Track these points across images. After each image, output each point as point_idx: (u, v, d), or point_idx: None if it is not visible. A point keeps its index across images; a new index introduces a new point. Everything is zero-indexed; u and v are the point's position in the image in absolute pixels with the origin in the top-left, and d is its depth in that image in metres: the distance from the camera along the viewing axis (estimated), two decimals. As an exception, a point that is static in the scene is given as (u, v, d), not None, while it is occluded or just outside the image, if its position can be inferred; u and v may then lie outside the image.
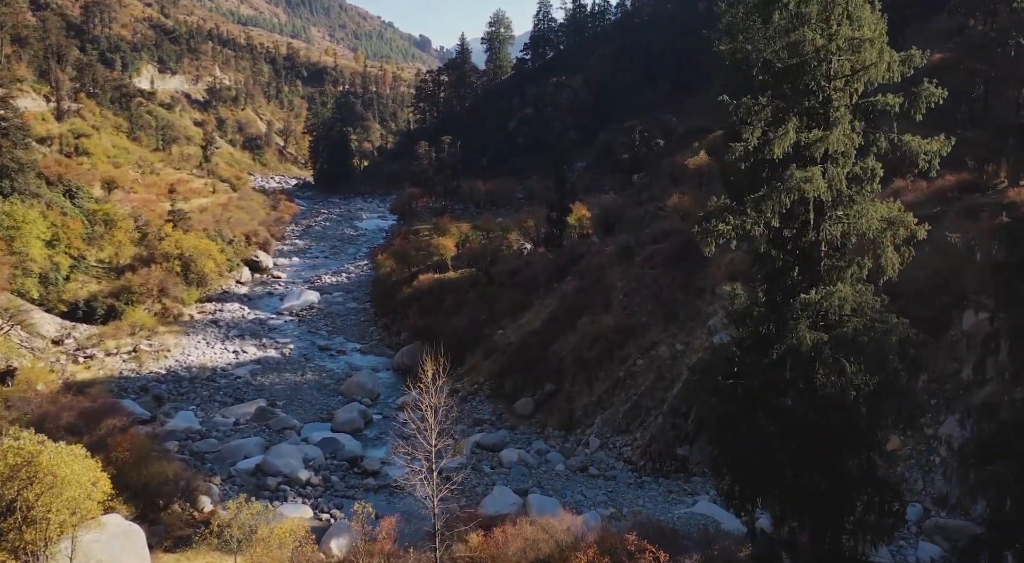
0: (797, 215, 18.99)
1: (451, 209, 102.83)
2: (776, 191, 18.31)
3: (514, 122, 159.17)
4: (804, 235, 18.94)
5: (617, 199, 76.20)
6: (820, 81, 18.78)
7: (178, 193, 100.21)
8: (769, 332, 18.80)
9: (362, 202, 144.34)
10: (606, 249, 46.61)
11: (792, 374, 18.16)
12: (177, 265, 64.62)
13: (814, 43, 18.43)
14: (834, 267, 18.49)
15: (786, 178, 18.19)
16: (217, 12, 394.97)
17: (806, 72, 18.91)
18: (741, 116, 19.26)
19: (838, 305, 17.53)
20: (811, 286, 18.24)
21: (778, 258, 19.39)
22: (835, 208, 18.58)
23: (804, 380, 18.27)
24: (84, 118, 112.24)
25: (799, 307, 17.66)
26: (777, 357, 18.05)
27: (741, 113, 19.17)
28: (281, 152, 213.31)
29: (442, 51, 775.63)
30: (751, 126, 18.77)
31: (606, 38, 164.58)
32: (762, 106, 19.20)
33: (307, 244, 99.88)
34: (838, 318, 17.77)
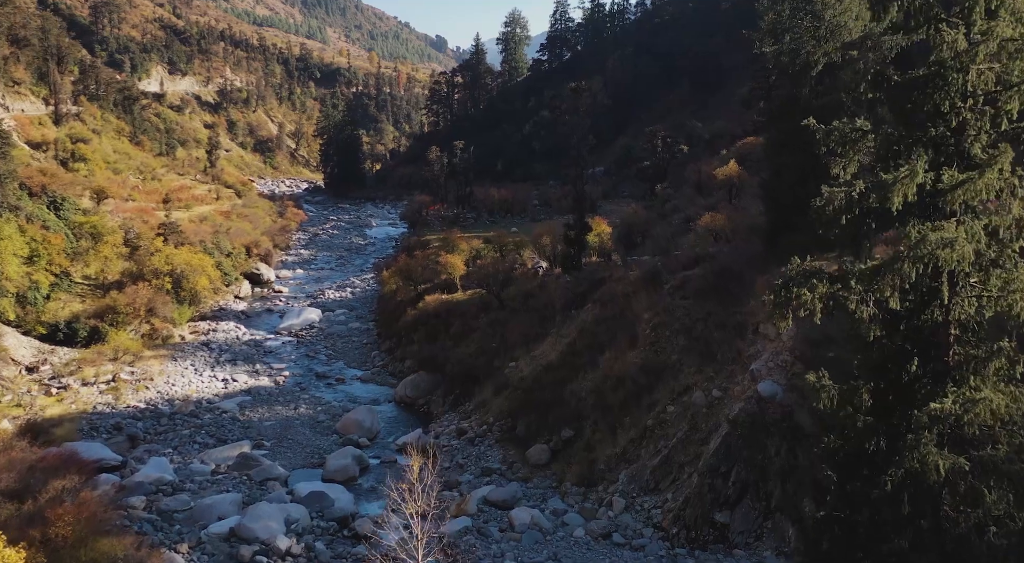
0: (919, 287, 14.05)
1: (463, 218, 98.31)
2: (899, 260, 13.37)
3: (530, 125, 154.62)
4: (926, 313, 14.07)
5: (639, 211, 71.42)
6: (955, 100, 13.76)
7: (173, 203, 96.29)
8: (879, 449, 13.99)
9: (373, 208, 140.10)
10: (630, 273, 41.78)
11: (912, 508, 13.36)
12: (168, 282, 60.31)
13: (955, 46, 13.39)
14: (969, 358, 13.62)
15: (914, 240, 13.24)
16: (232, 13, 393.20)
17: (938, 87, 13.84)
18: (833, 145, 14.33)
19: (984, 418, 12.69)
20: (937, 383, 13.42)
21: (889, 345, 14.48)
22: (970, 276, 13.69)
23: (929, 516, 13.47)
24: (84, 122, 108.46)
25: (926, 420, 12.87)
26: (892, 487, 13.26)
27: (833, 141, 14.23)
28: (293, 155, 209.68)
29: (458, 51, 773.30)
30: (846, 160, 13.84)
31: (625, 38, 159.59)
32: (862, 134, 14.28)
33: (312, 254, 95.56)
34: (980, 434, 12.99)
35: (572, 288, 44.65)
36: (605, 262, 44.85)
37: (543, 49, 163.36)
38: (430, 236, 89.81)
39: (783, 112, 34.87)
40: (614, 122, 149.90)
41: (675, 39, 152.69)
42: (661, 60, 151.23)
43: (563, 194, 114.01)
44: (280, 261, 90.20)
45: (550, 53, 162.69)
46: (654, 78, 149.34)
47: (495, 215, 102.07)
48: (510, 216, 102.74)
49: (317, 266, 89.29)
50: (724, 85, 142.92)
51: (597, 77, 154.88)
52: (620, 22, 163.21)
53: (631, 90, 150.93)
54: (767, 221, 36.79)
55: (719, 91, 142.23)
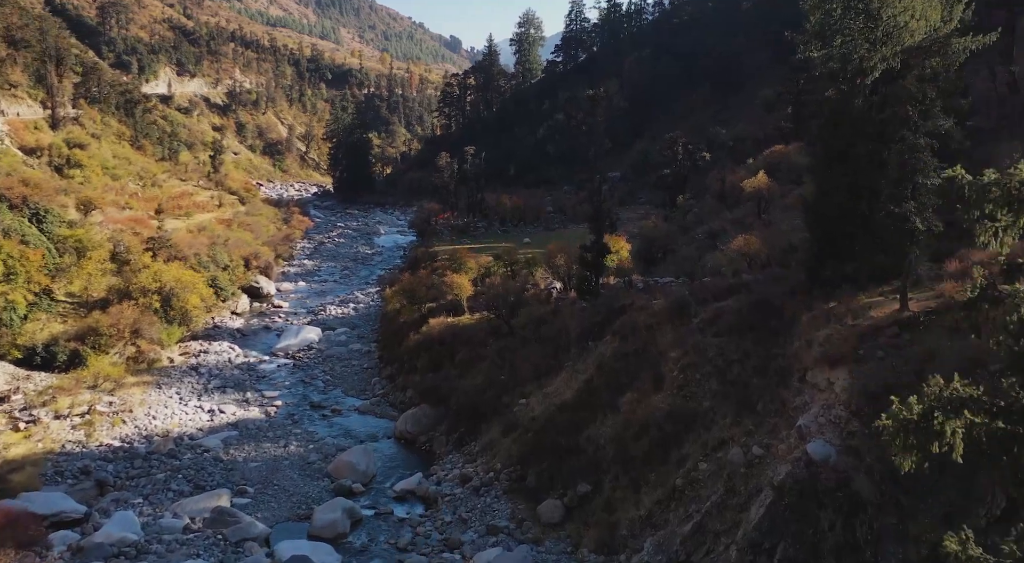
0: None
1: (473, 227, 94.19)
2: None
3: (544, 128, 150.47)
4: None
5: (659, 224, 67.11)
6: None
7: (173, 210, 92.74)
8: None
9: (382, 214, 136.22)
10: (653, 302, 37.47)
11: None
12: (156, 301, 56.42)
13: None
14: None
15: None
16: (245, 14, 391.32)
17: None
18: (987, 206, 9.97)
19: None
20: None
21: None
22: None
23: None
24: (84, 126, 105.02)
25: None
26: None
27: (992, 201, 9.86)
28: (303, 158, 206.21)
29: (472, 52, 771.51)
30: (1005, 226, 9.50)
31: (643, 39, 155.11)
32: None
33: (317, 265, 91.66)
34: None
35: (589, 316, 40.39)
36: (625, 289, 40.52)
37: (558, 50, 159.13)
38: (439, 246, 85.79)
39: (833, 125, 30.49)
40: (631, 125, 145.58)
41: (694, 39, 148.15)
42: (680, 61, 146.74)
43: (578, 201, 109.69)
44: (282, 273, 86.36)
45: (565, 54, 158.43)
46: (673, 80, 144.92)
47: (507, 224, 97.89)
48: (523, 225, 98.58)
49: (320, 278, 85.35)
50: (745, 87, 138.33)
51: (614, 79, 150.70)
52: (637, 22, 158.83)
53: (649, 92, 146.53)
54: (810, 247, 32.44)
55: (740, 93, 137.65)
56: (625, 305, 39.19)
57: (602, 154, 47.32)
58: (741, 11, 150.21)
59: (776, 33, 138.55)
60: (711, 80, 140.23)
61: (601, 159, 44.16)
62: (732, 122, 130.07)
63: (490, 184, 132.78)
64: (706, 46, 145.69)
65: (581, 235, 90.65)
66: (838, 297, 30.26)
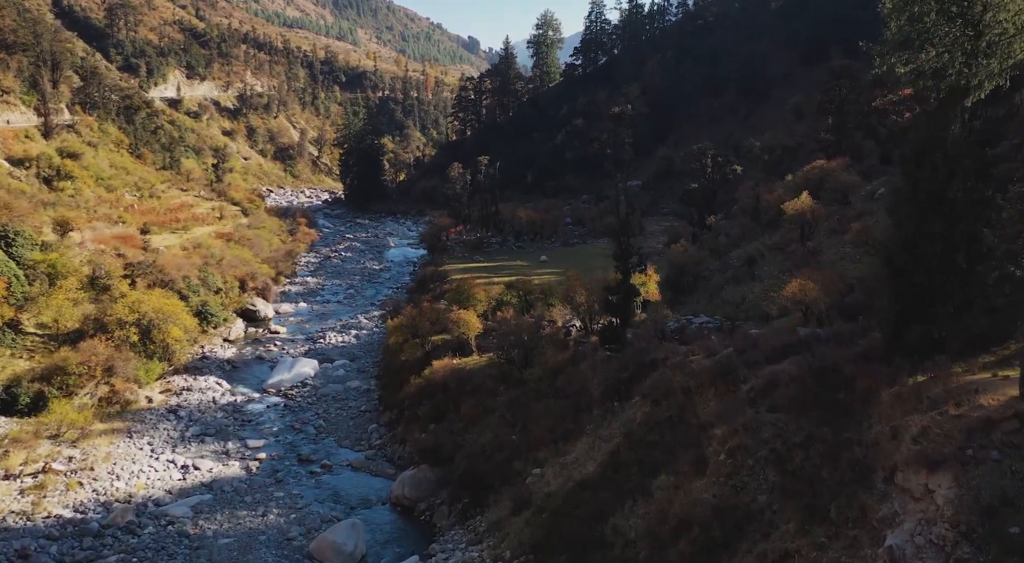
0: None
1: (486, 243, 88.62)
2: None
3: (562, 134, 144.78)
4: None
5: (688, 248, 61.26)
6: None
7: (170, 224, 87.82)
8: None
9: (393, 224, 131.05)
10: (691, 359, 31.67)
11: None
12: (134, 334, 51.15)
13: None
14: None
15: None
16: (262, 15, 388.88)
17: None
18: None
19: None
20: None
21: None
22: None
23: None
24: (80, 134, 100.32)
25: None
26: None
27: None
28: (315, 163, 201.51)
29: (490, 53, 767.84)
30: None
31: (665, 41, 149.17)
32: None
33: (320, 282, 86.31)
34: None
35: (614, 370, 34.59)
36: (658, 340, 34.64)
37: (576, 53, 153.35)
38: (449, 265, 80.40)
39: (921, 157, 24.56)
40: (653, 131, 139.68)
41: (719, 42, 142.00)
42: (704, 64, 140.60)
43: (598, 213, 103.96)
44: (282, 292, 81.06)
45: (584, 57, 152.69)
46: (696, 84, 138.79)
47: (523, 238, 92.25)
48: (539, 240, 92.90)
49: (323, 298, 79.94)
50: (772, 91, 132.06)
51: (634, 83, 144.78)
52: (660, 24, 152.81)
53: (671, 97, 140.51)
54: (890, 305, 26.50)
55: (767, 98, 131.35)
56: (657, 359, 33.36)
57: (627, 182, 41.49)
58: (768, 12, 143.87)
59: (805, 35, 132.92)
60: (737, 84, 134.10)
61: (626, 192, 38.22)
62: (760, 128, 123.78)
63: (506, 192, 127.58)
64: (731, 49, 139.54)
65: (602, 252, 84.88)
66: (927, 369, 24.42)
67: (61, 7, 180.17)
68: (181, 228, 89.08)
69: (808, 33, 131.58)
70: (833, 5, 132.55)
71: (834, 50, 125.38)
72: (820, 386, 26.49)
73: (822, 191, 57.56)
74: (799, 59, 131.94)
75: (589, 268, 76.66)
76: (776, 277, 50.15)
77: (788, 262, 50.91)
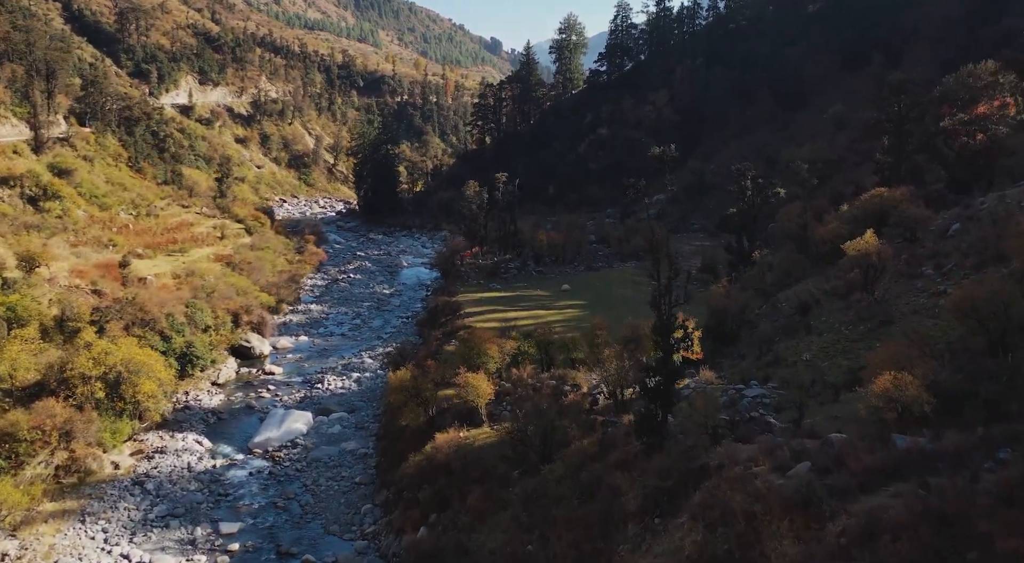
0: None
1: (504, 268, 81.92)
2: None
3: (585, 144, 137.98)
4: None
5: (730, 291, 54.24)
6: None
7: (166, 246, 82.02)
8: None
9: (408, 239, 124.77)
10: (754, 471, 24.83)
11: None
12: (100, 389, 44.99)
13: None
14: None
15: None
16: (282, 17, 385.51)
17: None
18: None
19: None
20: None
21: None
22: None
23: None
24: (75, 147, 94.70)
25: None
26: None
27: None
28: (330, 171, 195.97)
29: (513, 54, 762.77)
30: None
31: (695, 46, 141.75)
32: None
33: (324, 311, 79.98)
34: None
35: (654, 474, 27.86)
36: (708, 436, 27.74)
37: (601, 58, 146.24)
38: (463, 295, 73.92)
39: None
40: (682, 141, 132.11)
41: (752, 47, 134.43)
42: (736, 70, 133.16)
43: (625, 232, 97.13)
44: (282, 323, 74.80)
45: (609, 63, 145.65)
46: (728, 91, 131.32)
47: (543, 262, 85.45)
48: (561, 263, 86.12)
49: (326, 330, 73.58)
50: (810, 99, 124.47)
51: (662, 90, 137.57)
52: (689, 28, 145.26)
53: (701, 104, 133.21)
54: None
55: (804, 106, 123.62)
56: (709, 466, 26.57)
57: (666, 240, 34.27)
58: (804, 15, 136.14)
59: (844, 39, 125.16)
60: (771, 91, 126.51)
61: (669, 249, 30.98)
62: (797, 139, 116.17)
63: (527, 204, 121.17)
64: (765, 53, 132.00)
65: (630, 278, 78.24)
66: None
67: (71, 12, 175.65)
68: (178, 250, 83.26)
69: (847, 37, 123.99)
70: (874, 7, 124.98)
71: (876, 55, 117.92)
72: (942, 541, 19.57)
73: (885, 226, 50.42)
74: (838, 64, 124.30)
75: (616, 301, 70.31)
76: (837, 331, 43.25)
77: (851, 313, 43.90)
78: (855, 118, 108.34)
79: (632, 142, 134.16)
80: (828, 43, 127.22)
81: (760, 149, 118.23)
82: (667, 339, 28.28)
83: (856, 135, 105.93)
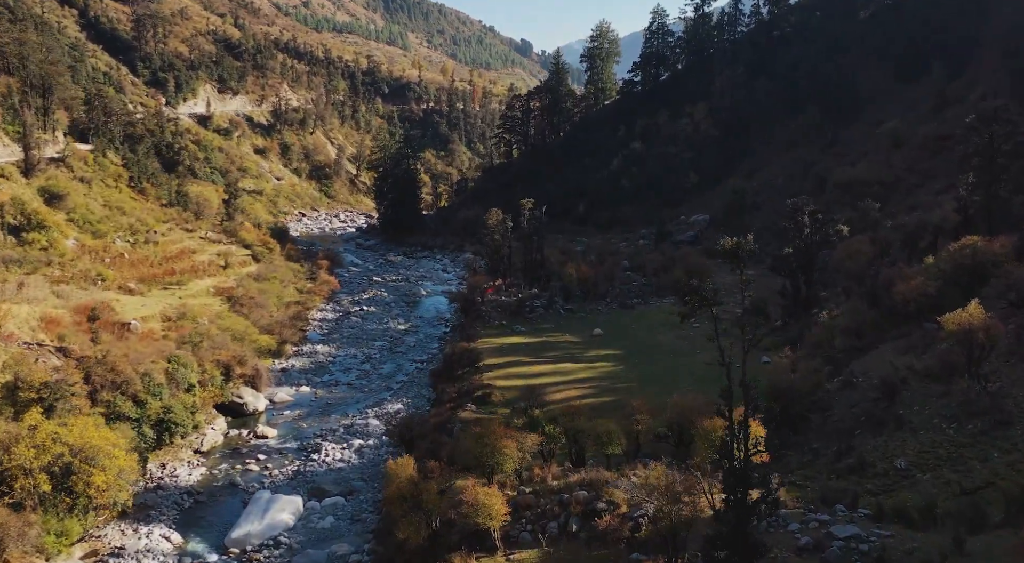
0: None
1: (530, 306, 74.17)
2: None
3: (618, 160, 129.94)
4: None
5: (794, 359, 46.18)
6: None
7: (163, 278, 75.45)
8: None
9: (429, 262, 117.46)
10: None
11: None
12: (45, 482, 37.92)
13: None
14: None
15: None
16: (310, 20, 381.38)
17: None
18: None
19: None
20: None
21: None
22: None
23: None
24: (71, 168, 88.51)
25: None
26: None
27: None
28: (352, 182, 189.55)
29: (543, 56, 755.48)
30: None
31: (736, 55, 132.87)
32: None
33: (331, 353, 72.70)
34: None
35: None
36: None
37: (635, 68, 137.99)
38: (484, 340, 66.51)
39: None
40: (722, 156, 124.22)
41: (798, 55, 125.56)
42: (780, 81, 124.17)
43: (662, 263, 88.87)
44: (283, 369, 67.66)
45: (643, 73, 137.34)
46: (772, 104, 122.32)
47: (573, 298, 77.50)
48: (592, 299, 78.25)
49: (331, 378, 66.31)
50: (862, 113, 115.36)
51: (701, 102, 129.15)
52: (730, 35, 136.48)
53: (743, 118, 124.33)
54: None
55: (855, 121, 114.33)
56: None
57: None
58: (855, 22, 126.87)
59: (900, 48, 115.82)
60: (819, 104, 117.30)
61: (742, 375, 22.87)
62: (847, 156, 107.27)
63: (555, 223, 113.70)
64: (812, 63, 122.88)
65: (667, 319, 70.17)
66: None
67: (88, 18, 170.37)
68: (175, 283, 76.70)
69: (903, 45, 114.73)
70: (933, 13, 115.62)
71: (936, 65, 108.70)
72: None
73: (982, 285, 42.19)
74: (893, 75, 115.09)
75: (655, 352, 62.26)
76: (938, 429, 35.02)
77: (953, 405, 35.69)
78: (914, 134, 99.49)
79: (668, 158, 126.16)
80: (882, 52, 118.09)
81: (807, 167, 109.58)
82: (742, 508, 20.41)
83: (915, 154, 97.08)
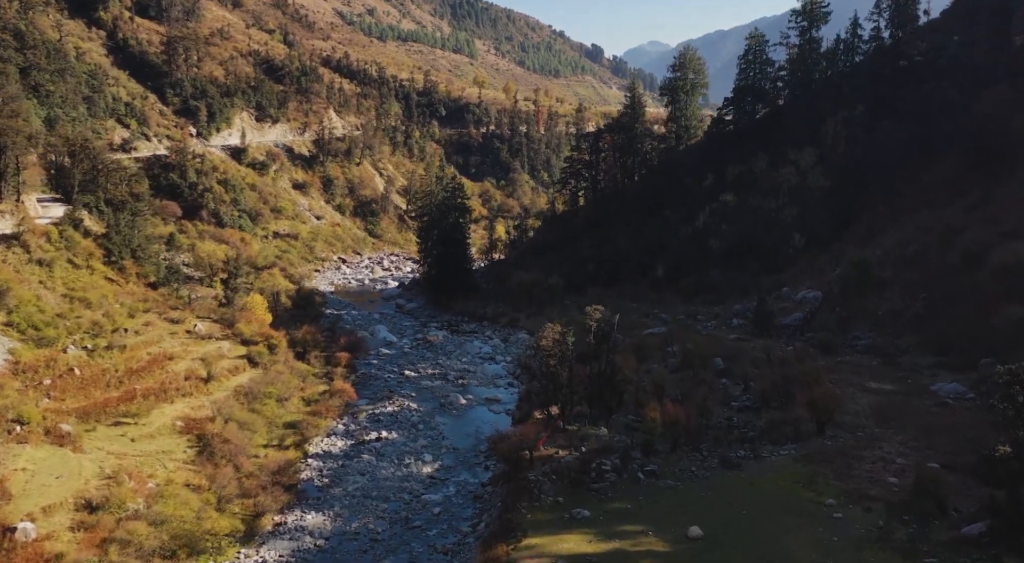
0: None
1: (597, 470, 53.56)
2: None
3: (705, 214, 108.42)
4: None
5: None
6: None
7: (110, 409, 57.37)
8: None
9: (477, 339, 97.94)
10: None
11: None
12: None
13: None
14: None
15: None
16: (375, 28, 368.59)
17: None
18: None
19: None
20: None
21: None
22: None
23: None
24: (27, 248, 71.40)
25: None
26: None
27: None
28: (402, 218, 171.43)
29: (615, 61, 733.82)
30: None
31: (853, 90, 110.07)
32: None
33: (323, 530, 53.18)
34: None
35: None
36: None
37: (727, 104, 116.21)
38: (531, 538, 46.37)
39: None
40: (834, 213, 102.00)
41: (932, 91, 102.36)
42: (909, 122, 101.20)
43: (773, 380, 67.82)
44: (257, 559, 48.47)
45: (737, 109, 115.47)
46: (898, 151, 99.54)
47: (654, 451, 56.60)
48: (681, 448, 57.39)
49: (313, 588, 46.91)
50: (1019, 165, 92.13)
51: (808, 147, 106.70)
52: (846, 65, 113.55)
53: (861, 167, 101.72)
54: None
55: (1012, 173, 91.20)
56: None
57: None
58: (1007, 49, 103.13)
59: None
60: (961, 152, 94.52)
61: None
62: (1003, 222, 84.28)
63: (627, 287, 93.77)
64: (951, 100, 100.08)
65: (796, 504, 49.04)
66: None
67: (115, 41, 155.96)
68: (131, 415, 58.52)
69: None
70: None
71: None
72: None
73: None
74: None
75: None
76: None
77: None
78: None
79: (766, 214, 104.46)
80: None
81: (946, 232, 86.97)
82: None
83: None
